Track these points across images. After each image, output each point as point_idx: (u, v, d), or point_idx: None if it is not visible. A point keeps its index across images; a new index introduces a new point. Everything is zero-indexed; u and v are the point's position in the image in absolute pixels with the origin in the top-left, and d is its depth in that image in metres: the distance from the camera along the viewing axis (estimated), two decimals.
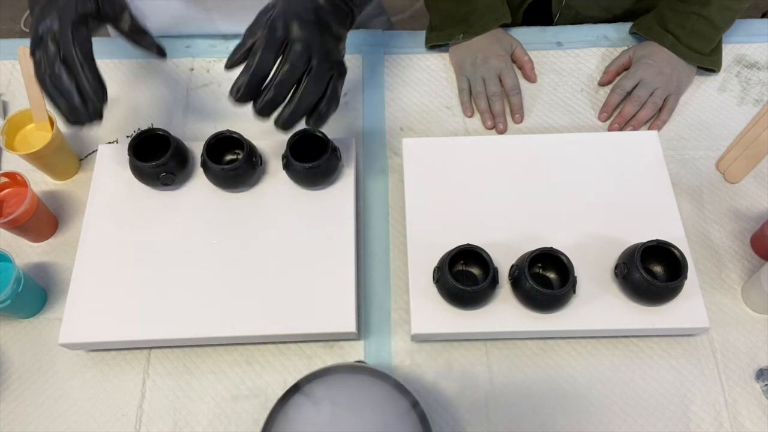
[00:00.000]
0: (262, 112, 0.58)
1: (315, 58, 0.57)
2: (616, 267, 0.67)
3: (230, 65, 0.59)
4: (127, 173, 0.73)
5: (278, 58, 0.57)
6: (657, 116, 0.83)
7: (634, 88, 0.83)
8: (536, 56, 0.89)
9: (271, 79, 0.57)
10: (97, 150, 0.78)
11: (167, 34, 0.96)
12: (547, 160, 0.76)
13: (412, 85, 0.89)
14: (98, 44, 0.90)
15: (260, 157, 0.74)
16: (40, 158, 0.75)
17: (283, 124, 0.59)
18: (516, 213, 0.72)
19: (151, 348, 0.70)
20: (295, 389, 0.55)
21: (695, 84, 0.87)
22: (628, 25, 0.92)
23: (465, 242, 0.65)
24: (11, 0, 2.15)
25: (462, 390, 0.67)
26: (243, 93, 0.57)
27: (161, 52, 0.66)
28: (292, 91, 0.58)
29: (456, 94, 0.87)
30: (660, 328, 0.66)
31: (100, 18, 0.63)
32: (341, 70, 0.62)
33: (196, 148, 0.76)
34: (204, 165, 0.72)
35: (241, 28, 0.60)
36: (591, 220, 0.71)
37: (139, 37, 0.65)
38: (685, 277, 0.63)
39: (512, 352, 0.69)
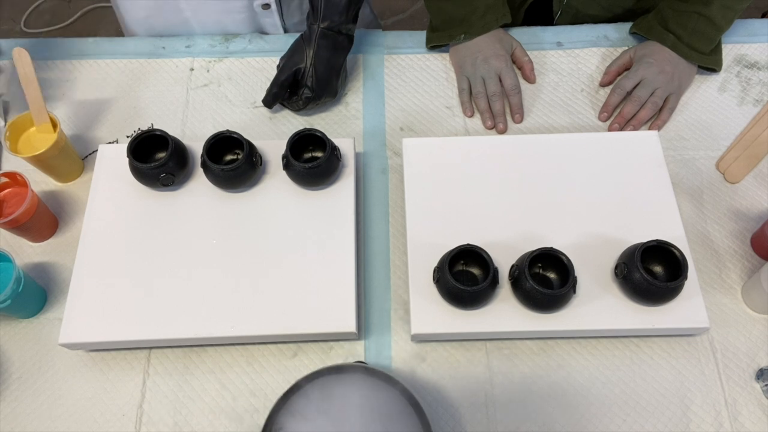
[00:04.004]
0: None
1: None
2: (616, 267, 0.67)
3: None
4: (127, 173, 0.73)
5: None
6: (657, 116, 0.83)
7: (635, 87, 0.83)
8: (536, 56, 0.89)
9: None
10: (97, 150, 0.78)
11: (141, 33, 0.96)
12: (547, 160, 0.76)
13: (412, 85, 0.89)
14: (99, 44, 0.92)
15: (260, 157, 0.74)
16: (44, 160, 0.75)
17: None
18: (516, 213, 0.72)
19: (151, 348, 0.70)
20: (295, 389, 0.55)
21: (695, 84, 0.87)
22: (628, 25, 0.92)
23: (465, 242, 0.65)
24: (11, 0, 2.15)
25: (462, 390, 0.67)
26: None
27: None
28: None
29: (456, 94, 0.87)
30: (660, 328, 0.66)
31: None
32: None
33: (196, 148, 0.76)
34: (204, 165, 0.72)
35: (213, 24, 0.63)
36: (591, 220, 0.71)
37: None
38: (685, 277, 0.63)
39: (512, 352, 0.69)
